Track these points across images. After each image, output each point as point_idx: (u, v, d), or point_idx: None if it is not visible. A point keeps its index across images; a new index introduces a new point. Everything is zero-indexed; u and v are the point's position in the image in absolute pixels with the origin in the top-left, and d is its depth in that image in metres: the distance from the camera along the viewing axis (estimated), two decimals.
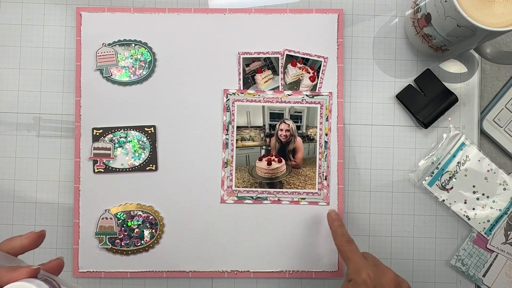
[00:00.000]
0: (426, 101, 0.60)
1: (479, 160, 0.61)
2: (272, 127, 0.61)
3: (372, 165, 0.62)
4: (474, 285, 0.62)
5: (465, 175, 0.61)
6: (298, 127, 0.61)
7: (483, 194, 0.61)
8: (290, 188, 0.60)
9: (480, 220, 0.61)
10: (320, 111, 0.60)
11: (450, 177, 0.61)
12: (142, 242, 0.60)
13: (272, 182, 0.60)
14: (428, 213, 0.61)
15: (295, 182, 0.60)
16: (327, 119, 0.61)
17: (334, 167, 0.60)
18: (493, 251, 0.61)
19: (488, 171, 0.61)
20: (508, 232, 0.61)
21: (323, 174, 0.60)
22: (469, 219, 0.61)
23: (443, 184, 0.61)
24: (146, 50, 0.61)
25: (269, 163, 0.60)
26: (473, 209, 0.61)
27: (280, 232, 0.60)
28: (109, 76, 0.61)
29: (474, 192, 0.61)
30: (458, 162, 0.61)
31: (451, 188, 0.61)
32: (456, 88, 0.62)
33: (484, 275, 0.61)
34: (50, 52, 0.62)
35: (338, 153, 0.60)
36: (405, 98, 0.61)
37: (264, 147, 0.61)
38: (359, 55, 0.62)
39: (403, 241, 0.61)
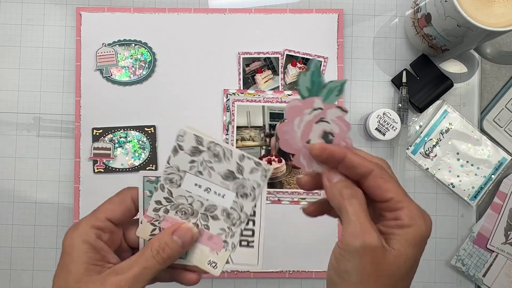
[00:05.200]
0: (421, 86, 0.61)
1: (462, 127, 0.61)
2: (272, 127, 0.61)
3: None
4: (474, 285, 0.62)
5: (449, 143, 0.61)
6: None
7: (467, 162, 0.61)
8: (290, 188, 0.60)
9: (464, 187, 0.61)
10: None
11: (433, 145, 0.61)
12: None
13: (272, 182, 0.60)
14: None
15: (295, 182, 0.60)
16: None
17: None
18: (493, 251, 0.61)
19: (471, 138, 0.61)
20: (508, 232, 0.61)
21: None
22: (453, 186, 0.61)
23: (426, 152, 0.61)
24: (146, 50, 0.61)
25: (269, 163, 0.60)
26: (458, 176, 0.61)
27: (280, 232, 0.60)
28: (109, 76, 0.61)
29: (458, 160, 0.61)
30: (442, 130, 0.61)
31: (435, 156, 0.61)
32: (456, 88, 0.62)
33: (484, 275, 0.61)
34: (50, 52, 0.62)
35: None
36: (400, 82, 0.61)
37: (264, 147, 0.61)
38: (359, 55, 0.62)
39: None
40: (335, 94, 0.32)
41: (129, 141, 0.60)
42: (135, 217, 0.36)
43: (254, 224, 0.36)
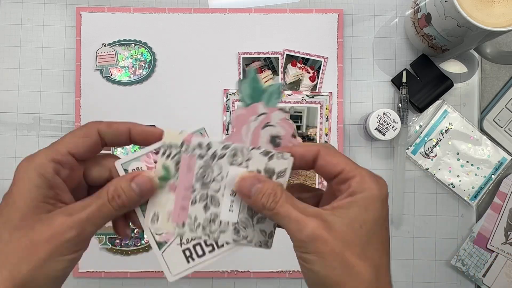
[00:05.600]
0: (421, 86, 0.61)
1: (462, 127, 0.61)
2: None
3: (372, 165, 0.61)
4: (474, 285, 0.62)
5: (449, 143, 0.61)
6: (298, 127, 0.61)
7: (467, 162, 0.61)
8: None
9: (464, 187, 0.61)
10: (320, 111, 0.60)
11: (433, 145, 0.61)
12: (142, 242, 0.60)
13: None
14: (428, 213, 0.61)
15: (295, 182, 0.60)
16: (327, 119, 0.61)
17: None
18: (493, 251, 0.61)
19: (471, 138, 0.61)
20: (508, 232, 0.61)
21: None
22: (453, 186, 0.61)
23: (426, 152, 0.61)
24: (146, 50, 0.61)
25: None
26: (458, 176, 0.61)
27: (280, 232, 0.60)
28: (109, 76, 0.61)
29: (458, 160, 0.61)
30: (442, 130, 0.61)
31: (435, 156, 0.61)
32: (456, 88, 0.62)
33: (484, 275, 0.61)
34: (50, 52, 0.62)
35: None
36: (400, 82, 0.61)
37: None
38: (359, 55, 0.62)
39: (403, 241, 0.61)
40: (275, 98, 0.33)
41: None
42: (100, 153, 0.34)
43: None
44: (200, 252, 0.34)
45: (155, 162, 0.33)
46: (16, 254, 0.28)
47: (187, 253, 0.34)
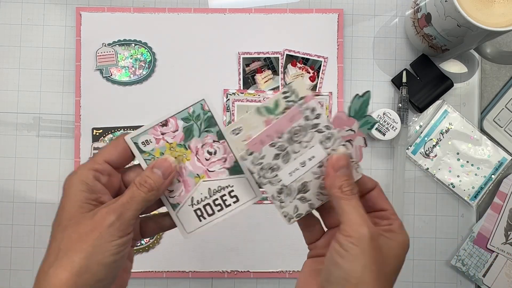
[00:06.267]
0: (421, 86, 0.61)
1: (462, 127, 0.61)
2: None
3: (372, 165, 0.61)
4: (474, 285, 0.62)
5: (449, 143, 0.61)
6: None
7: (467, 162, 0.61)
8: None
9: (464, 187, 0.61)
10: None
11: (433, 145, 0.61)
12: (142, 242, 0.60)
13: None
14: (428, 213, 0.61)
15: None
16: None
17: None
18: (493, 251, 0.61)
19: (471, 138, 0.61)
20: (508, 232, 0.61)
21: None
22: (453, 186, 0.61)
23: (426, 152, 0.61)
24: (146, 50, 0.61)
25: None
26: (458, 176, 0.61)
27: (280, 232, 0.60)
28: (109, 76, 0.61)
29: (458, 160, 0.61)
30: (442, 130, 0.61)
31: (435, 156, 0.61)
32: (456, 88, 0.62)
33: (484, 275, 0.61)
34: (50, 52, 0.62)
35: None
36: (400, 82, 0.61)
37: None
38: (359, 55, 0.62)
39: None
40: (367, 127, 0.37)
41: None
42: (132, 162, 0.37)
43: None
44: (210, 211, 0.38)
45: (162, 134, 0.36)
46: (68, 248, 0.31)
47: (198, 212, 0.37)
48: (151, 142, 0.36)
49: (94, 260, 0.31)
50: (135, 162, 0.37)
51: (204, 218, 0.38)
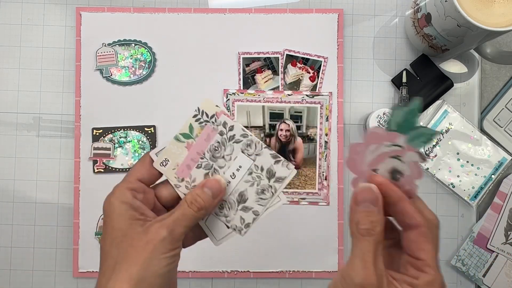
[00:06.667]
0: (421, 86, 0.61)
1: (462, 127, 0.61)
2: (272, 127, 0.61)
3: None
4: (474, 285, 0.62)
5: (449, 143, 0.61)
6: (298, 127, 0.61)
7: (467, 162, 0.61)
8: (290, 188, 0.60)
9: (464, 187, 0.61)
10: (320, 111, 0.60)
11: (433, 145, 0.61)
12: None
13: None
14: None
15: (295, 182, 0.60)
16: (327, 119, 0.61)
17: (334, 167, 0.60)
18: (493, 251, 0.61)
19: (471, 138, 0.61)
20: (508, 232, 0.61)
21: (323, 174, 0.60)
22: (453, 186, 0.61)
23: (426, 152, 0.61)
24: (146, 50, 0.61)
25: None
26: (458, 176, 0.61)
27: (280, 232, 0.60)
28: (109, 76, 0.61)
29: (458, 160, 0.61)
30: (442, 130, 0.61)
31: (435, 156, 0.61)
32: (456, 88, 0.62)
33: (484, 275, 0.61)
34: (50, 52, 0.62)
35: (338, 153, 0.60)
36: (400, 82, 0.61)
37: None
38: (359, 55, 0.62)
39: None
40: (421, 140, 0.32)
41: (129, 141, 0.60)
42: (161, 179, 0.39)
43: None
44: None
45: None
46: (124, 261, 0.34)
47: (224, 220, 0.39)
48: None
49: (150, 271, 0.33)
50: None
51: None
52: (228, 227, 0.38)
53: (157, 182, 0.39)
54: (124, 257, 0.34)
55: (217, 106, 0.37)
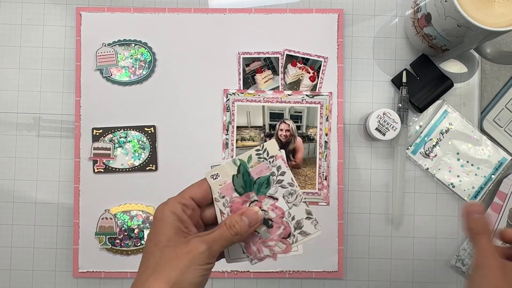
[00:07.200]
0: (421, 86, 0.61)
1: (462, 127, 0.61)
2: (272, 127, 0.61)
3: (372, 165, 0.61)
4: None
5: (449, 143, 0.61)
6: (298, 127, 0.61)
7: (467, 162, 0.61)
8: None
9: (464, 187, 0.61)
10: (320, 111, 0.60)
11: (433, 145, 0.61)
12: (142, 242, 0.60)
13: None
14: (428, 213, 0.61)
15: None
16: (327, 119, 0.61)
17: (334, 167, 0.60)
18: None
19: (471, 138, 0.61)
20: None
21: (323, 174, 0.60)
22: (453, 186, 0.61)
23: (426, 152, 0.61)
24: (146, 50, 0.61)
25: None
26: (458, 176, 0.61)
27: None
28: (109, 76, 0.61)
29: (458, 160, 0.61)
30: (442, 130, 0.61)
31: (435, 156, 0.61)
32: (456, 88, 0.62)
33: None
34: (50, 52, 0.62)
35: (338, 153, 0.60)
36: (400, 82, 0.61)
37: None
38: (359, 55, 0.62)
39: (403, 241, 0.61)
40: (264, 187, 0.40)
41: (129, 141, 0.60)
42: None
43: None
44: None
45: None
46: (166, 264, 0.37)
47: (243, 245, 0.42)
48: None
49: (186, 278, 0.37)
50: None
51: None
52: (243, 252, 0.41)
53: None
54: (166, 260, 0.37)
55: (280, 150, 0.41)
